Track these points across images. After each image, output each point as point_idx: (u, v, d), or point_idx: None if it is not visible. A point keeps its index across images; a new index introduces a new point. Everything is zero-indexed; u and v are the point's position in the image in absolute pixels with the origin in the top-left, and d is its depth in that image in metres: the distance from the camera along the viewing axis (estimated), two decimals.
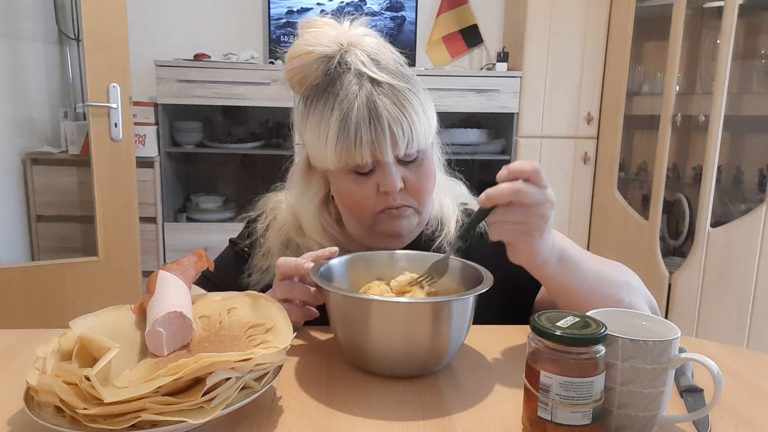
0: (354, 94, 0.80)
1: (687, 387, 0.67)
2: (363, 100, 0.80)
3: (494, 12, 3.11)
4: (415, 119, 0.81)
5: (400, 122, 0.80)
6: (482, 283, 0.70)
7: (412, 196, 0.85)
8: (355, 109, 0.80)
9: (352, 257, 0.81)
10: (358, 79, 0.82)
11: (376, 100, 0.80)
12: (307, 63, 0.84)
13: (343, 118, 0.80)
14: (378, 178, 0.83)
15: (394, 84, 0.82)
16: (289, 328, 0.65)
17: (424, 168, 0.85)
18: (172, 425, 0.51)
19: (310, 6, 2.86)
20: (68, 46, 2.86)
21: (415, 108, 0.82)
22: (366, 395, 0.64)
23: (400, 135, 0.80)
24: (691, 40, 2.65)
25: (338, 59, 0.84)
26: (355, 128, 0.79)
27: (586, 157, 2.88)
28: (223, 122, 2.98)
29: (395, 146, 0.81)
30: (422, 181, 0.85)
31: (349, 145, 0.80)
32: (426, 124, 0.83)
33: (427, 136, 0.84)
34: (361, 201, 0.84)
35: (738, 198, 2.60)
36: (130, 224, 2.28)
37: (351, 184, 0.84)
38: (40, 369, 0.57)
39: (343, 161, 0.81)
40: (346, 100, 0.80)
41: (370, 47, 0.85)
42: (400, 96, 0.81)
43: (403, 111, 0.80)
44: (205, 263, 0.77)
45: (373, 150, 0.80)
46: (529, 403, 0.56)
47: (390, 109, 0.80)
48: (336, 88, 0.82)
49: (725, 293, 2.46)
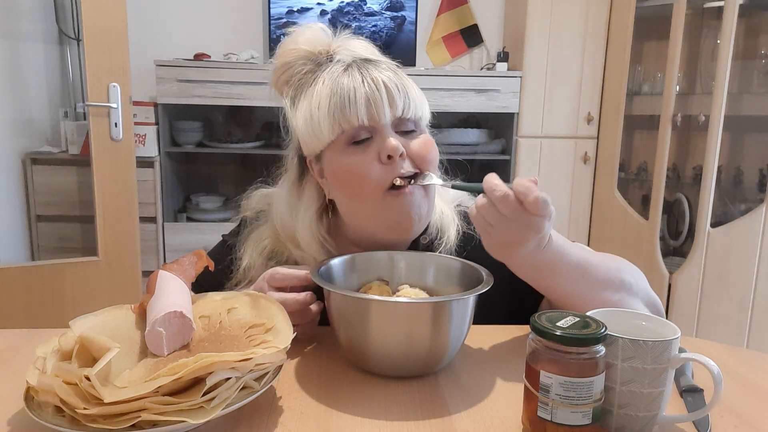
0: (344, 67, 0.81)
1: (687, 387, 0.67)
2: (354, 69, 0.80)
3: (494, 12, 3.11)
4: (409, 86, 0.81)
5: (395, 83, 0.79)
6: (482, 283, 0.70)
7: (416, 166, 0.81)
8: (346, 75, 0.79)
9: (353, 257, 0.81)
10: (349, 62, 0.82)
11: (369, 67, 0.80)
12: (293, 60, 0.84)
13: (335, 83, 0.79)
14: (377, 146, 0.79)
15: (386, 61, 0.83)
16: (289, 328, 0.65)
17: (423, 138, 0.83)
18: (172, 425, 0.51)
19: (310, 6, 2.86)
20: (68, 46, 2.86)
21: (409, 80, 0.82)
22: (366, 395, 0.64)
23: (397, 94, 0.79)
24: (691, 40, 2.65)
25: (326, 58, 0.84)
26: (348, 87, 0.78)
27: (586, 157, 2.88)
28: (223, 122, 2.97)
29: (393, 104, 0.79)
30: (424, 148, 0.81)
31: (344, 104, 0.77)
32: (421, 98, 0.83)
33: (422, 108, 0.83)
34: (362, 174, 0.78)
35: (738, 198, 2.60)
36: (130, 224, 2.28)
37: (349, 156, 0.79)
38: (40, 369, 0.57)
39: (338, 125, 0.78)
40: (337, 72, 0.80)
41: (360, 47, 0.86)
42: (392, 67, 0.82)
43: (398, 77, 0.81)
44: (205, 263, 0.77)
45: (369, 108, 0.78)
46: (529, 403, 0.56)
47: (385, 73, 0.80)
48: (325, 71, 0.81)
49: (725, 293, 2.46)
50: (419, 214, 0.82)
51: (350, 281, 0.80)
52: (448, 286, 0.78)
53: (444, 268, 0.80)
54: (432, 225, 0.89)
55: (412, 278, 0.81)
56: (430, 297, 0.75)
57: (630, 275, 0.78)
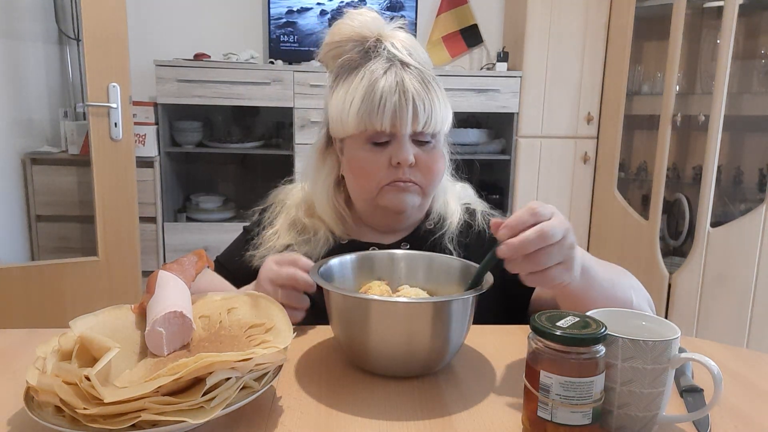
0: (384, 69, 0.86)
1: (687, 387, 0.67)
2: (392, 74, 0.85)
3: (494, 12, 3.11)
4: (436, 102, 0.87)
5: (423, 100, 0.85)
6: (482, 283, 0.70)
7: (421, 176, 0.89)
8: (383, 79, 0.85)
9: (353, 257, 0.81)
10: (389, 61, 0.87)
11: (404, 76, 0.86)
12: (344, 41, 0.89)
13: (371, 85, 0.85)
14: (392, 151, 0.87)
15: (422, 69, 0.87)
16: (289, 328, 0.65)
17: (436, 152, 0.90)
18: (172, 425, 0.51)
19: (310, 6, 2.86)
20: (68, 46, 2.86)
21: (437, 94, 0.87)
22: (366, 395, 0.64)
23: (422, 110, 0.85)
24: (691, 40, 2.65)
25: (373, 44, 0.89)
26: (380, 94, 0.84)
27: (586, 157, 2.88)
28: (223, 122, 2.97)
29: (416, 119, 0.85)
30: (433, 162, 0.89)
31: (373, 109, 0.84)
32: (444, 112, 0.89)
33: (444, 123, 0.90)
34: (371, 171, 0.88)
35: (738, 198, 2.60)
36: (130, 224, 2.28)
37: (365, 153, 0.88)
38: (40, 369, 0.57)
39: (363, 125, 0.86)
40: (376, 72, 0.86)
41: (405, 40, 0.90)
42: (425, 79, 0.87)
43: (427, 91, 0.86)
44: (205, 263, 0.77)
45: (393, 118, 0.85)
46: (529, 403, 0.56)
47: (416, 86, 0.85)
48: (368, 65, 0.87)
49: (725, 293, 2.46)
50: (411, 207, 0.91)
51: (350, 281, 0.80)
52: (448, 286, 0.78)
53: (444, 268, 0.80)
54: (436, 212, 0.98)
55: (412, 278, 0.81)
56: (430, 297, 0.75)
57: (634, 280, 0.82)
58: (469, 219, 0.98)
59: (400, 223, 0.95)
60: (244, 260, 0.97)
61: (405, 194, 0.89)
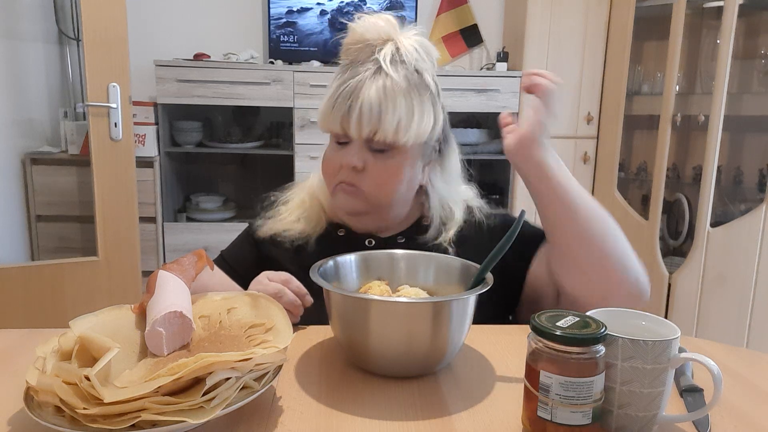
0: (358, 73, 0.86)
1: (687, 387, 0.67)
2: (358, 79, 0.86)
3: (494, 12, 3.11)
4: (391, 112, 0.84)
5: (373, 108, 0.84)
6: (482, 283, 0.70)
7: (366, 183, 0.89)
8: (348, 83, 0.86)
9: (353, 257, 0.81)
10: (374, 64, 0.87)
11: (366, 83, 0.85)
12: (353, 43, 0.90)
13: (337, 87, 0.87)
14: (344, 154, 0.89)
15: (396, 80, 0.85)
16: (289, 328, 0.65)
17: (390, 163, 0.89)
18: (172, 425, 0.51)
19: (310, 6, 2.86)
20: (68, 46, 2.85)
21: (402, 105, 0.85)
22: (366, 395, 0.64)
23: (367, 118, 0.84)
24: (691, 40, 2.65)
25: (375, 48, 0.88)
26: (336, 97, 0.86)
27: (586, 157, 2.88)
28: (223, 122, 2.97)
29: (359, 125, 0.85)
30: (382, 174, 0.88)
31: (328, 111, 0.88)
32: (405, 123, 0.86)
33: (403, 135, 0.86)
34: (329, 166, 0.92)
35: (738, 198, 2.60)
36: (130, 224, 2.28)
37: (330, 151, 0.93)
38: (40, 369, 0.57)
39: (322, 124, 0.90)
40: (346, 75, 0.87)
41: (406, 46, 0.88)
42: (394, 89, 0.85)
43: (385, 100, 0.84)
44: (205, 263, 0.77)
45: (343, 122, 0.86)
46: (529, 403, 0.56)
47: (372, 94, 0.84)
48: (357, 68, 0.87)
49: (725, 293, 2.46)
50: (351, 211, 0.93)
51: (350, 281, 0.80)
52: (448, 286, 0.78)
53: (444, 268, 0.80)
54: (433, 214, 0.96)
55: (412, 278, 0.81)
56: (430, 297, 0.75)
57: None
58: (467, 215, 0.99)
59: (353, 223, 0.96)
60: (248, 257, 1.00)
61: (347, 196, 0.91)
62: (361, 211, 0.92)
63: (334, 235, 0.97)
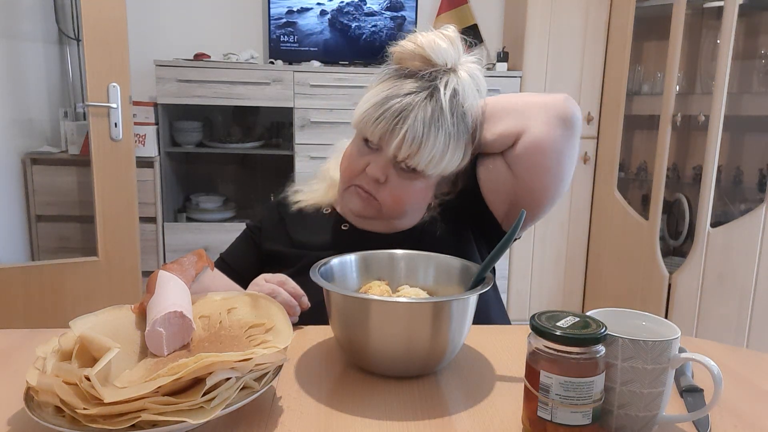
0: (410, 90, 0.87)
1: (687, 387, 0.67)
2: (410, 98, 0.87)
3: (494, 12, 3.11)
4: (430, 144, 0.87)
5: (416, 136, 0.86)
6: (482, 283, 0.70)
7: (383, 195, 0.91)
8: (399, 99, 0.87)
9: (353, 257, 0.81)
10: (429, 90, 0.87)
11: (418, 106, 0.86)
12: (412, 55, 0.90)
13: (387, 98, 0.88)
14: (371, 160, 0.91)
15: (446, 115, 0.87)
16: (289, 328, 0.65)
17: (412, 186, 0.92)
18: (172, 425, 0.51)
19: (310, 6, 2.86)
20: (68, 46, 2.85)
21: (440, 140, 0.87)
22: (366, 395, 0.64)
23: (409, 142, 0.86)
24: (691, 40, 2.65)
25: (433, 70, 0.89)
26: (384, 110, 0.87)
27: (586, 157, 2.88)
28: (223, 122, 2.97)
29: (399, 146, 0.87)
30: (400, 191, 0.91)
31: (371, 118, 0.88)
32: (437, 159, 0.88)
33: (432, 168, 0.89)
34: (350, 165, 0.94)
35: (738, 198, 2.60)
36: (130, 224, 2.28)
37: (356, 148, 0.94)
38: (40, 369, 0.57)
39: (359, 125, 0.91)
40: (402, 90, 0.88)
41: (463, 78, 0.90)
42: (438, 123, 0.87)
43: (427, 131, 0.86)
44: (205, 263, 0.77)
45: (382, 135, 0.88)
46: (529, 403, 0.56)
47: (419, 121, 0.86)
48: (410, 82, 0.88)
49: (725, 293, 2.46)
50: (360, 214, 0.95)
51: (350, 281, 0.80)
52: (448, 286, 0.78)
53: (444, 268, 0.80)
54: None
55: (412, 278, 0.81)
56: (430, 297, 0.75)
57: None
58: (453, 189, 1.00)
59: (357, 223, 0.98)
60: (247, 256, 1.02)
61: (360, 201, 0.93)
62: (368, 216, 0.95)
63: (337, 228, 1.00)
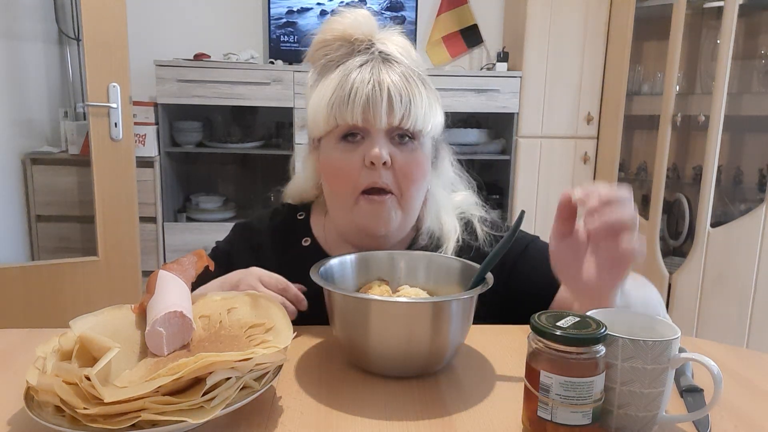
0: (361, 62, 0.81)
1: (687, 387, 0.67)
2: (368, 67, 0.80)
3: (494, 12, 3.11)
4: (417, 97, 0.80)
5: (401, 91, 0.79)
6: (482, 283, 0.70)
7: (396, 180, 0.81)
8: (357, 71, 0.79)
9: (353, 257, 0.81)
10: (370, 55, 0.82)
11: (382, 69, 0.80)
12: (333, 39, 0.85)
13: (345, 77, 0.80)
14: (365, 149, 0.80)
15: (407, 66, 0.82)
16: (289, 328, 0.65)
17: (415, 154, 0.82)
18: (172, 425, 0.51)
19: (310, 6, 2.86)
20: (68, 46, 2.85)
21: (421, 90, 0.81)
22: (366, 395, 0.64)
23: (398, 102, 0.78)
24: (691, 40, 2.65)
25: (362, 45, 0.84)
26: (352, 85, 0.78)
27: (586, 157, 2.88)
28: (223, 122, 2.97)
29: (391, 112, 0.78)
30: (410, 165, 0.81)
31: (343, 100, 0.78)
32: (427, 111, 0.81)
33: (426, 122, 0.81)
34: (346, 171, 0.81)
35: (738, 198, 2.60)
36: (130, 224, 2.28)
37: (338, 152, 0.82)
38: (40, 369, 0.57)
39: (334, 119, 0.80)
40: (351, 65, 0.81)
41: (397, 44, 0.85)
42: (407, 74, 0.81)
43: (407, 84, 0.80)
44: (205, 263, 0.77)
45: (366, 110, 0.78)
46: (529, 403, 0.56)
47: (393, 78, 0.79)
48: (348, 61, 0.82)
49: (725, 293, 2.46)
50: (387, 226, 0.83)
51: (350, 281, 0.80)
52: (448, 286, 0.78)
53: (444, 268, 0.80)
54: (429, 232, 0.91)
55: (412, 278, 0.81)
56: (430, 297, 0.75)
57: (655, 290, 0.82)
58: (470, 238, 0.91)
59: (378, 246, 0.87)
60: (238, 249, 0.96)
61: (382, 208, 0.81)
62: (395, 221, 0.83)
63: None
